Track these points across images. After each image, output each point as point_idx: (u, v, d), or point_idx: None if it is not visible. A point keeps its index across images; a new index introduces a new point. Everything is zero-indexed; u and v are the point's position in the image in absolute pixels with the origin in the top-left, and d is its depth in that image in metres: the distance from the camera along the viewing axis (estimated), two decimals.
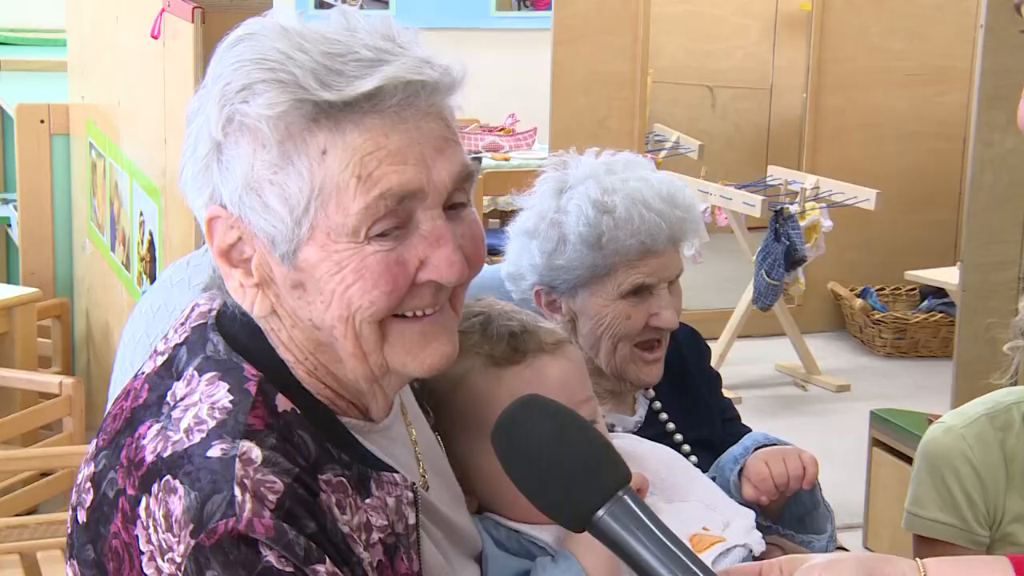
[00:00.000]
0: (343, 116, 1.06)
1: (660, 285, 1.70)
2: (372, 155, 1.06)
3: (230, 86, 1.08)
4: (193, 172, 1.11)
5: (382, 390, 1.17)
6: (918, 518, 1.79)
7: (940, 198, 5.89)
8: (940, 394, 4.12)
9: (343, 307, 1.09)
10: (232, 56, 1.09)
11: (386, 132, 1.07)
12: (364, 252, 1.08)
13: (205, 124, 1.10)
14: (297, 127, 1.06)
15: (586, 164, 1.73)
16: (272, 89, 1.06)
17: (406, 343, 1.12)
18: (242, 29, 1.12)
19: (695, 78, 6.72)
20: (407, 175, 1.07)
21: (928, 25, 5.78)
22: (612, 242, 1.66)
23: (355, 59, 1.07)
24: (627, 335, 1.69)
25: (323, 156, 1.06)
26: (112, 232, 3.77)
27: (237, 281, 1.12)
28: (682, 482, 1.47)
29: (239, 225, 1.10)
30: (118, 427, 1.13)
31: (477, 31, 6.72)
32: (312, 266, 1.08)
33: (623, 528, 1.03)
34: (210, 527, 1.01)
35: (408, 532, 1.15)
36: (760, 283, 4.85)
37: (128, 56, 3.48)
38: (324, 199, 1.07)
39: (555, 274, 1.70)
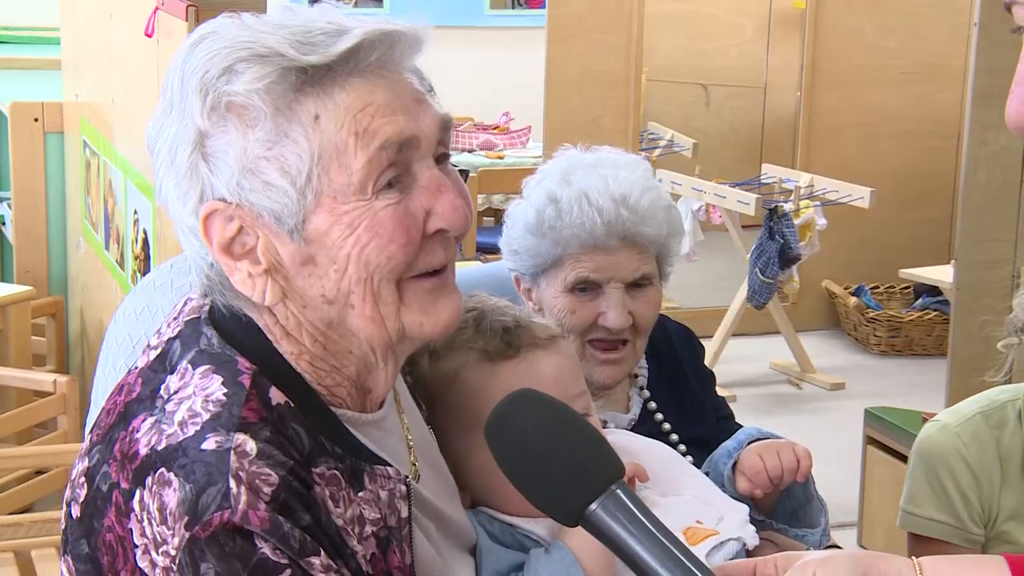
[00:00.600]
0: (327, 80, 1.08)
1: (611, 284, 1.68)
2: (363, 111, 1.09)
3: (209, 73, 1.09)
4: (176, 180, 1.12)
5: (394, 359, 1.17)
6: (913, 516, 1.79)
7: (934, 196, 5.90)
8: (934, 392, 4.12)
9: (361, 268, 1.10)
10: (200, 52, 1.10)
11: (371, 89, 1.10)
12: (374, 208, 1.09)
13: (182, 127, 1.10)
14: (284, 99, 1.08)
15: (570, 156, 1.74)
16: (255, 64, 1.07)
17: (420, 302, 1.14)
18: (198, 32, 1.14)
19: (689, 76, 6.72)
20: (400, 124, 1.10)
21: (922, 23, 5.78)
22: (553, 232, 1.66)
23: (321, 31, 1.10)
24: (574, 330, 1.68)
25: (316, 121, 1.08)
26: (106, 230, 3.77)
27: (245, 273, 1.12)
28: (676, 476, 1.47)
29: (239, 213, 1.10)
30: (111, 421, 1.13)
31: (471, 29, 6.72)
32: (323, 234, 1.09)
33: (616, 522, 1.03)
34: (205, 519, 1.01)
35: (400, 525, 1.15)
36: (754, 281, 4.85)
37: (122, 54, 3.48)
38: (325, 163, 1.08)
39: (516, 259, 1.72)
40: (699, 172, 5.30)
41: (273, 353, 1.14)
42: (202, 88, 1.09)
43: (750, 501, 1.54)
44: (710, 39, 6.70)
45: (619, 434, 1.57)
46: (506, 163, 5.88)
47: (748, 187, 5.11)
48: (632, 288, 1.69)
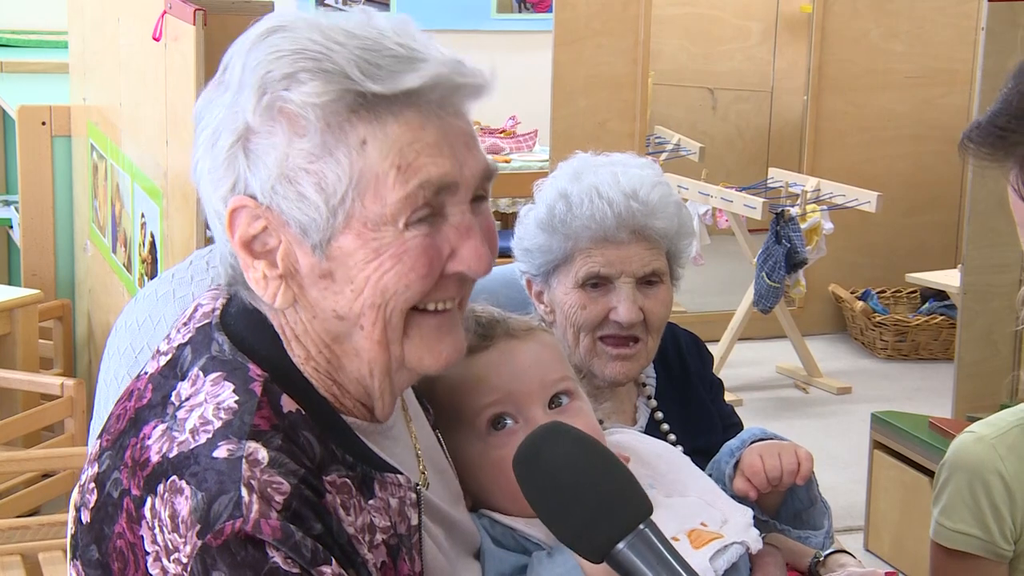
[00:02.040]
0: (383, 108, 1.08)
1: (622, 279, 1.68)
2: (411, 146, 1.08)
3: (272, 74, 1.08)
4: (212, 165, 1.11)
5: (391, 386, 1.17)
6: (945, 529, 1.76)
7: (941, 200, 5.89)
8: (941, 396, 4.12)
9: (377, 293, 1.10)
10: (268, 46, 1.10)
11: (422, 125, 1.09)
12: (404, 238, 1.09)
13: (231, 114, 1.09)
14: (338, 117, 1.07)
15: (581, 157, 1.75)
16: (318, 78, 1.07)
17: (424, 337, 1.14)
18: (270, 21, 1.13)
19: (696, 80, 6.72)
20: (445, 167, 1.10)
21: (929, 28, 5.78)
22: (563, 226, 1.67)
23: (390, 55, 1.09)
24: (585, 325, 1.69)
25: (363, 146, 1.08)
26: (113, 234, 3.78)
27: (261, 272, 1.12)
28: (681, 478, 1.47)
29: (266, 215, 1.10)
30: (122, 427, 1.13)
31: (478, 33, 6.72)
32: (347, 255, 1.09)
33: (643, 562, 1.03)
34: (217, 528, 1.01)
35: (410, 533, 1.16)
36: (761, 285, 4.85)
37: (130, 58, 3.49)
38: (362, 189, 1.08)
39: (527, 258, 1.73)
40: (706, 176, 5.30)
41: (285, 358, 1.14)
42: (261, 86, 1.08)
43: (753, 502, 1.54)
44: (717, 43, 6.70)
45: (625, 433, 1.56)
46: (513, 167, 5.88)
47: (755, 191, 5.10)
48: (643, 284, 1.69)
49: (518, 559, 1.30)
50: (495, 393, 1.34)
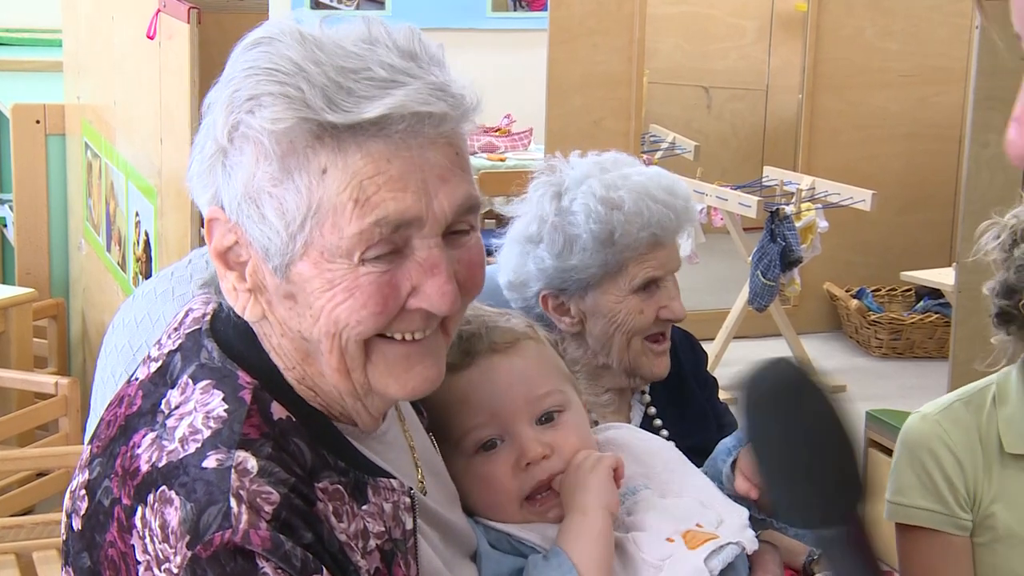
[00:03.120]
0: (347, 137, 1.05)
1: (667, 277, 1.73)
2: (372, 179, 1.05)
3: (239, 94, 1.07)
4: (199, 170, 1.11)
5: (365, 408, 1.16)
6: (900, 507, 1.79)
7: (936, 199, 5.90)
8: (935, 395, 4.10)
9: (330, 324, 1.08)
10: (247, 60, 1.08)
11: (388, 157, 1.05)
12: (357, 273, 1.07)
13: (213, 125, 1.09)
14: (301, 143, 1.05)
15: (580, 165, 1.74)
16: (278, 103, 1.04)
17: (389, 364, 1.11)
18: (261, 31, 1.11)
19: (691, 79, 6.72)
20: (405, 203, 1.06)
21: (923, 26, 5.78)
22: (624, 237, 1.67)
23: (367, 77, 1.05)
24: (640, 329, 1.72)
25: (323, 175, 1.05)
26: (108, 232, 3.77)
27: (231, 284, 1.12)
28: (676, 477, 1.47)
29: (236, 230, 1.09)
30: (112, 434, 1.12)
31: (473, 31, 6.72)
32: (304, 280, 1.08)
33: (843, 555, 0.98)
34: (206, 539, 1.01)
35: (406, 538, 1.15)
36: (756, 284, 4.85)
37: (124, 56, 3.48)
38: (320, 218, 1.05)
39: (566, 276, 1.70)
40: (700, 174, 5.29)
41: (272, 366, 1.14)
42: (229, 107, 1.07)
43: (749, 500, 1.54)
44: (711, 41, 6.70)
45: (622, 429, 1.56)
46: (508, 165, 5.87)
47: (750, 189, 5.10)
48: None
49: (515, 561, 1.29)
50: (479, 415, 1.32)
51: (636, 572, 1.30)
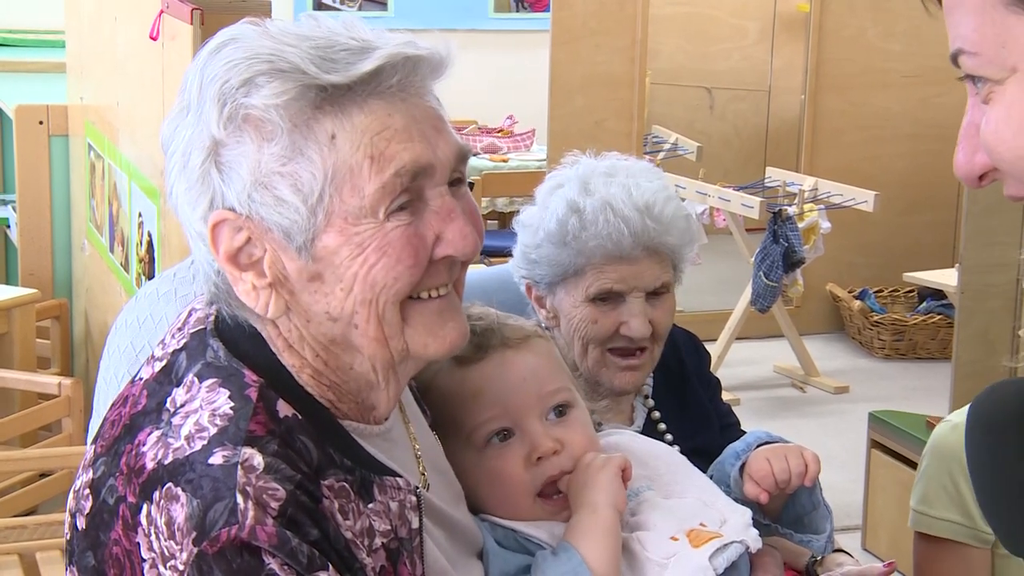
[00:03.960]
0: (347, 100, 1.07)
1: (633, 293, 1.68)
2: (380, 135, 1.08)
3: (229, 83, 1.08)
4: (187, 186, 1.11)
5: (396, 379, 1.17)
6: (925, 516, 1.78)
7: (938, 200, 5.89)
8: (938, 396, 4.13)
9: (367, 288, 1.09)
10: (221, 59, 1.09)
11: (389, 112, 1.09)
12: (385, 229, 1.08)
13: (197, 132, 1.09)
14: (303, 116, 1.07)
15: (586, 164, 1.73)
16: (275, 79, 1.06)
17: (426, 323, 1.13)
18: (220, 36, 1.12)
19: (693, 79, 6.72)
20: (417, 151, 1.09)
21: (926, 27, 5.78)
22: (576, 242, 1.66)
23: (343, 48, 1.08)
24: (595, 339, 1.69)
25: (332, 141, 1.07)
26: (111, 233, 3.77)
27: (249, 284, 1.11)
28: (679, 478, 1.47)
29: (248, 225, 1.09)
30: (116, 433, 1.12)
31: (475, 32, 6.72)
32: (331, 253, 1.08)
33: None
34: (213, 535, 1.01)
35: (411, 536, 1.15)
36: (758, 285, 4.85)
37: (127, 57, 3.49)
38: (338, 184, 1.07)
39: (532, 268, 1.72)
40: (703, 175, 5.30)
41: (279, 364, 1.14)
42: (220, 98, 1.08)
43: (756, 505, 1.54)
44: (714, 42, 6.70)
45: (622, 434, 1.56)
46: (510, 166, 5.88)
47: (752, 190, 5.10)
48: (651, 296, 1.69)
49: (522, 559, 1.30)
50: (492, 408, 1.33)
51: (641, 571, 1.30)
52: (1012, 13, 0.91)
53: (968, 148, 1.02)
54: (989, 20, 0.93)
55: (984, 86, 0.97)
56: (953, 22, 0.99)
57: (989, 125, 0.96)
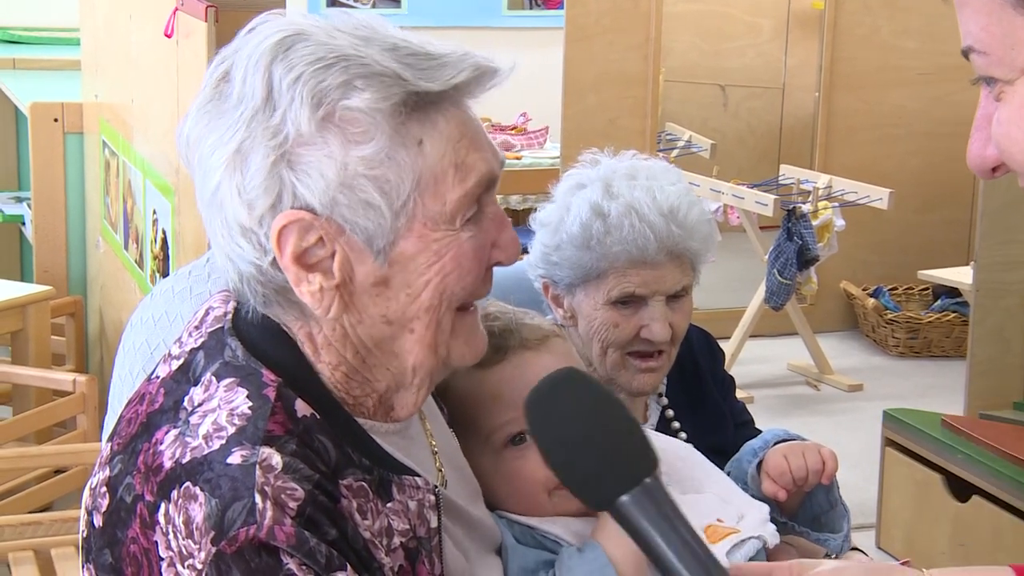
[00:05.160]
0: (431, 107, 1.09)
1: (654, 297, 1.68)
2: (460, 143, 1.10)
3: (325, 83, 1.06)
4: (240, 184, 1.08)
5: (429, 384, 1.18)
6: None
7: (953, 198, 5.88)
8: (953, 394, 4.11)
9: (436, 295, 1.11)
10: (299, 56, 1.07)
11: (463, 120, 1.12)
12: (460, 239, 1.11)
13: (263, 131, 1.06)
14: (397, 120, 1.08)
15: (607, 165, 1.73)
16: (374, 82, 1.07)
17: (466, 334, 1.16)
18: (278, 32, 1.09)
19: (707, 77, 6.71)
20: (488, 162, 1.13)
21: (941, 24, 5.76)
22: (600, 246, 1.65)
23: (422, 54, 1.10)
24: (615, 343, 1.69)
25: (420, 146, 1.08)
26: (125, 230, 3.78)
27: (317, 285, 1.09)
28: (697, 475, 1.47)
29: (324, 226, 1.08)
30: (133, 431, 1.12)
31: (489, 30, 6.72)
32: (408, 258, 1.10)
33: (645, 516, 1.03)
34: (231, 535, 1.01)
35: (430, 536, 1.15)
36: (772, 282, 4.84)
37: (141, 55, 3.49)
38: (423, 189, 1.09)
39: (552, 269, 1.71)
40: (717, 173, 5.28)
41: (299, 365, 1.13)
42: (315, 97, 1.06)
43: (773, 503, 1.54)
44: (728, 40, 6.69)
45: None
46: (523, 164, 5.87)
47: (766, 188, 5.09)
48: (671, 300, 1.69)
49: (541, 554, 1.30)
50: (511, 411, 1.32)
51: None
52: (1020, 15, 0.90)
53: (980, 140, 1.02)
54: (996, 20, 0.93)
55: (995, 85, 0.96)
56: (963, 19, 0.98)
57: (1000, 126, 0.96)
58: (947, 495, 3.39)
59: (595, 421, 1.05)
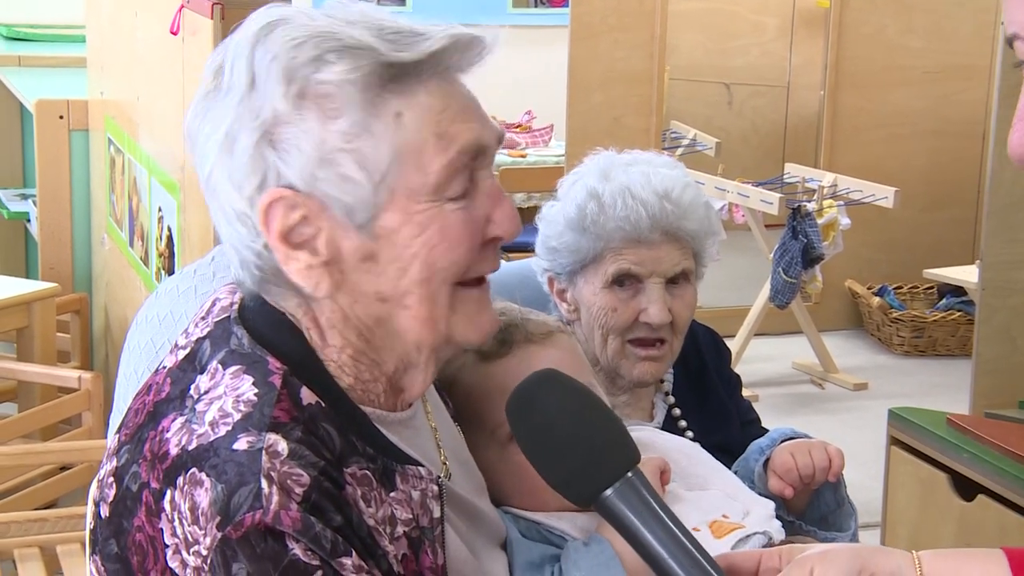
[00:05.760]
0: (411, 79, 1.09)
1: (652, 279, 1.67)
2: (443, 114, 1.10)
3: (296, 60, 1.07)
4: (230, 167, 1.10)
5: (435, 362, 1.18)
6: None
7: (959, 196, 5.87)
8: (958, 393, 4.10)
9: (425, 268, 1.10)
10: (278, 38, 1.09)
11: (447, 92, 1.11)
12: (444, 211, 1.10)
13: (247, 113, 1.08)
14: (371, 93, 1.08)
15: (606, 155, 1.74)
16: (346, 55, 1.07)
17: (468, 312, 1.15)
18: (262, 19, 1.11)
19: (712, 75, 6.71)
20: (476, 131, 1.12)
21: (947, 22, 5.75)
22: (595, 226, 1.66)
23: (393, 30, 1.10)
24: (615, 328, 1.68)
25: (398, 119, 1.08)
26: (131, 227, 3.79)
27: (303, 263, 1.10)
28: (702, 471, 1.47)
29: (307, 203, 1.08)
30: (140, 421, 1.13)
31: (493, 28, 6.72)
32: (391, 231, 1.09)
33: (629, 509, 1.05)
34: (237, 520, 1.01)
35: (433, 526, 1.15)
36: (777, 281, 4.84)
37: (147, 52, 3.50)
38: (403, 161, 1.08)
39: (553, 257, 1.72)
40: (722, 171, 5.28)
41: (305, 352, 1.13)
42: (287, 74, 1.07)
43: (780, 501, 1.54)
44: (733, 38, 6.68)
45: (644, 430, 1.57)
46: (528, 162, 5.87)
47: (771, 186, 5.09)
48: (671, 284, 1.69)
49: (546, 548, 1.30)
50: None
51: None
52: None
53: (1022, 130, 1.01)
54: None
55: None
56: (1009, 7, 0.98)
57: None
58: (952, 494, 3.38)
59: (573, 420, 1.07)
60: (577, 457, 1.05)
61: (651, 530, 1.04)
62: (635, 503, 1.05)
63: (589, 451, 1.05)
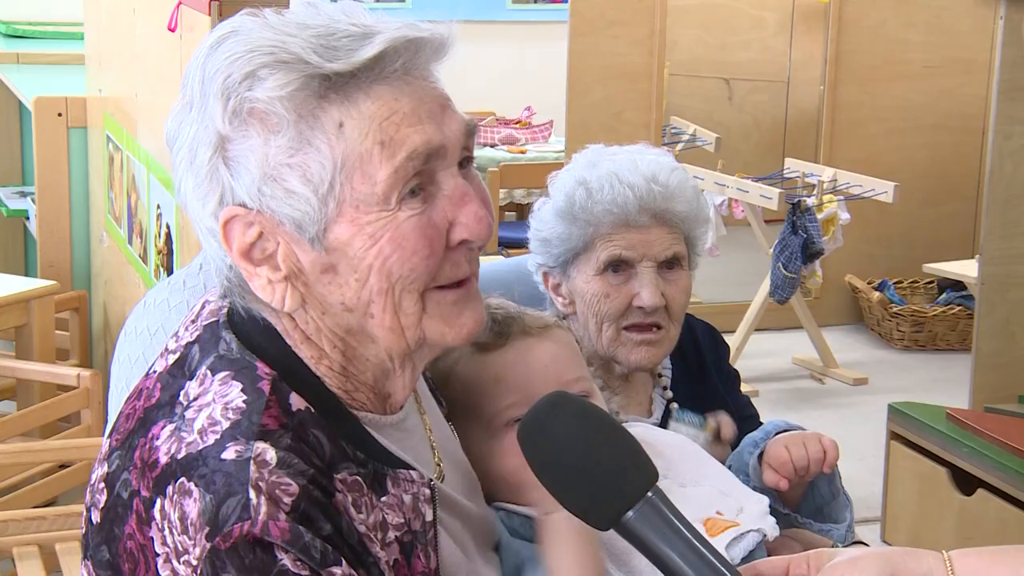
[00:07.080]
0: (351, 87, 1.07)
1: (643, 263, 1.68)
2: (389, 120, 1.07)
3: (231, 78, 1.07)
4: (195, 182, 1.10)
5: (412, 366, 1.16)
6: None
7: (959, 191, 5.87)
8: (958, 387, 4.10)
9: (383, 278, 1.08)
10: (222, 53, 1.08)
11: (395, 96, 1.08)
12: (397, 219, 1.08)
13: (202, 128, 1.08)
14: (308, 106, 1.06)
15: (592, 148, 1.75)
16: (278, 71, 1.06)
17: (443, 313, 1.12)
18: (219, 30, 1.12)
19: (712, 70, 6.70)
20: (427, 133, 1.08)
21: (947, 17, 5.75)
22: (583, 212, 1.66)
23: (346, 35, 1.08)
24: (609, 315, 1.68)
25: (340, 129, 1.06)
26: (129, 225, 3.78)
27: (265, 279, 1.10)
28: (696, 467, 1.47)
29: (259, 220, 1.08)
30: (131, 427, 1.12)
31: (494, 24, 6.71)
32: (344, 244, 1.08)
33: (651, 528, 1.04)
34: (225, 530, 1.01)
35: (425, 529, 1.15)
36: (777, 276, 4.83)
37: (145, 49, 3.49)
38: (348, 172, 1.06)
39: (544, 249, 1.72)
40: (722, 166, 5.28)
41: (292, 357, 1.13)
42: (224, 92, 1.07)
43: (775, 493, 1.54)
44: (733, 33, 6.68)
45: (638, 426, 1.57)
46: (528, 158, 5.87)
47: (771, 181, 5.08)
48: (663, 269, 1.69)
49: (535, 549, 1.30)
50: (513, 395, 1.33)
51: None
52: None
53: None
54: None
55: None
56: None
57: None
58: (952, 488, 3.38)
59: (585, 447, 1.06)
60: (594, 484, 1.05)
61: (674, 548, 1.04)
62: (656, 523, 1.04)
63: (604, 476, 1.05)
